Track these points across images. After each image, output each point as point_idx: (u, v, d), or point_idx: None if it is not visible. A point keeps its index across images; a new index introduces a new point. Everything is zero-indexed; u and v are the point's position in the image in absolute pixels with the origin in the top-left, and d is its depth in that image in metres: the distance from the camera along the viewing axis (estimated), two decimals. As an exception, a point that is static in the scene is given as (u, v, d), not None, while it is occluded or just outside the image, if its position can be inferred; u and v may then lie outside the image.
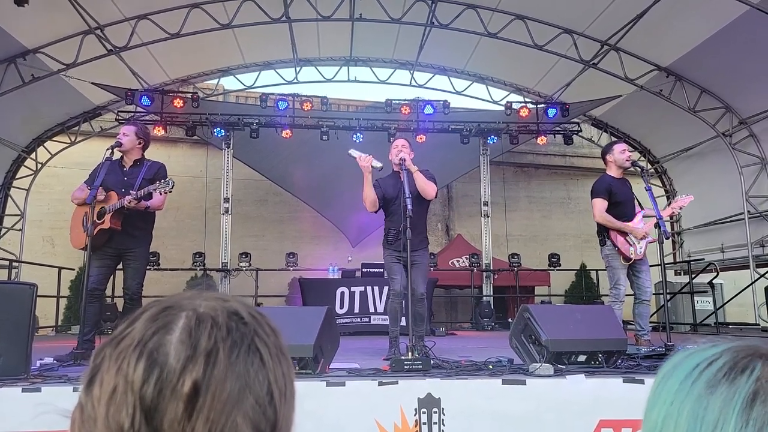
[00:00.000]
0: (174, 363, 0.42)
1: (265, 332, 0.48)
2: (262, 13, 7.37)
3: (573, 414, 2.58)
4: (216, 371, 0.42)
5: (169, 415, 0.41)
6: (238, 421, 0.42)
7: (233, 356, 0.44)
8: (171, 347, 0.43)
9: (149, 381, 0.41)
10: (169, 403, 0.41)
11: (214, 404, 0.41)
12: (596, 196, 4.43)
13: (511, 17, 7.75)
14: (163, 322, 0.45)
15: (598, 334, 3.14)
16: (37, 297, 2.76)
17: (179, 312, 0.46)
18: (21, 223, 9.37)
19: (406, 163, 3.97)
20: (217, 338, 0.44)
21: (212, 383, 0.42)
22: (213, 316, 0.46)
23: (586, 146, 12.28)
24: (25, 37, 7.19)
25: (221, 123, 8.87)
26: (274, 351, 0.47)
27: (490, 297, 9.66)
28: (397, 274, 4.02)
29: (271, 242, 11.49)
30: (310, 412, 2.48)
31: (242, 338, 0.45)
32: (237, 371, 0.43)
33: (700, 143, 9.00)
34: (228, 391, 0.42)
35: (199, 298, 0.49)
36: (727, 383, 0.45)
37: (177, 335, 0.44)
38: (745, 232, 8.21)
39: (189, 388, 0.41)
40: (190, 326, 0.44)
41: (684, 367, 0.48)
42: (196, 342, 0.43)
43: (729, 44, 7.00)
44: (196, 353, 0.43)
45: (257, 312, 0.50)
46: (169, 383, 0.41)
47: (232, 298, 0.50)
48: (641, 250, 4.30)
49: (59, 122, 9.21)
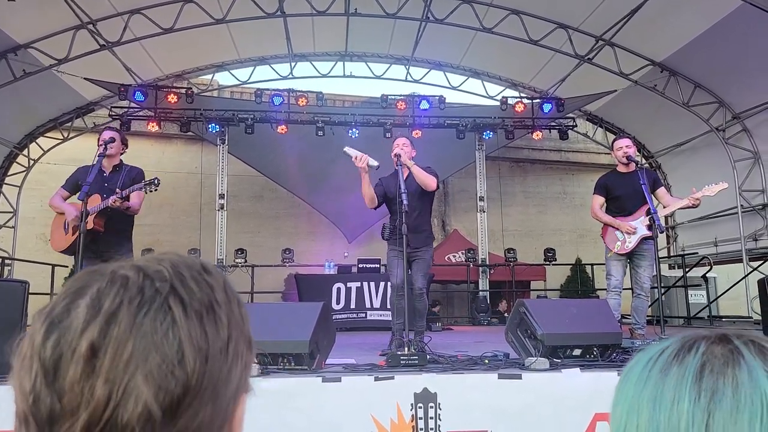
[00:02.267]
0: (75, 325, 0.43)
1: (188, 288, 0.46)
2: (257, 7, 7.32)
3: (568, 408, 2.60)
4: (116, 331, 0.42)
5: (69, 376, 0.41)
6: (139, 380, 0.41)
7: (140, 315, 0.43)
8: (77, 311, 0.43)
9: (47, 344, 0.42)
10: (69, 364, 0.41)
11: (113, 364, 0.41)
12: (594, 193, 4.65)
13: (507, 12, 7.74)
14: (78, 288, 0.45)
15: (594, 328, 3.15)
16: (29, 294, 2.75)
17: (99, 276, 0.46)
18: (14, 220, 9.30)
19: (402, 159, 3.97)
20: (123, 298, 0.44)
21: (111, 343, 0.42)
22: (127, 275, 0.45)
23: (582, 141, 12.31)
24: (17, 32, 7.11)
25: (216, 119, 8.82)
26: (196, 307, 0.45)
27: (486, 292, 9.68)
28: (395, 268, 4.05)
29: (267, 238, 11.47)
30: (306, 407, 2.48)
31: (154, 296, 0.44)
32: (142, 330, 0.43)
33: (694, 138, 9.03)
34: (129, 351, 0.42)
35: (132, 260, 0.48)
36: (677, 364, 0.48)
37: (86, 300, 0.44)
38: (738, 226, 8.26)
39: (86, 348, 0.41)
40: (100, 289, 0.45)
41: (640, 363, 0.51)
42: (101, 304, 0.43)
43: (723, 39, 7.02)
44: (98, 314, 0.43)
45: (192, 269, 0.48)
46: (69, 345, 0.42)
47: (172, 257, 0.49)
48: (630, 244, 4.34)
49: (52, 118, 9.13)
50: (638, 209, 4.39)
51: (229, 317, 0.48)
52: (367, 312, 7.28)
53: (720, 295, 8.65)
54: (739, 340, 0.48)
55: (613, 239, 4.43)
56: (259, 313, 3.02)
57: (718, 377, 0.45)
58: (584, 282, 11.22)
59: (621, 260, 4.43)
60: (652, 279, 4.49)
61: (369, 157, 3.92)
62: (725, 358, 0.47)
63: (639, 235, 4.34)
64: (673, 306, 8.81)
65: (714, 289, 8.83)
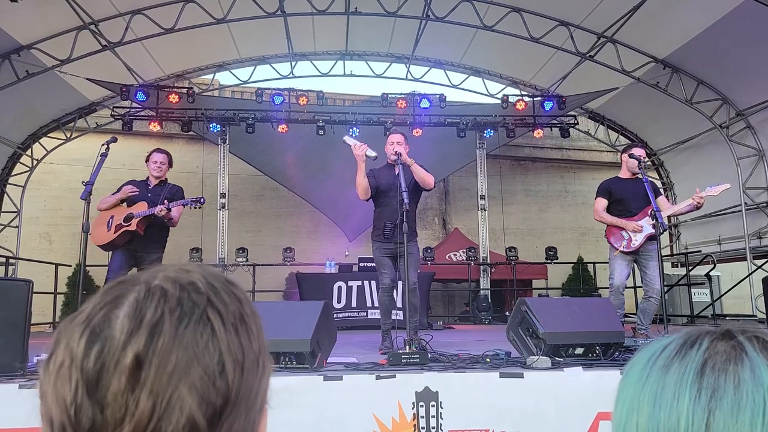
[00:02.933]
0: (118, 336, 0.42)
1: (222, 301, 0.47)
2: (257, 7, 7.32)
3: (571, 407, 2.59)
4: (160, 343, 0.42)
5: (112, 388, 0.41)
6: (183, 392, 0.41)
7: (181, 327, 0.43)
8: (117, 321, 0.43)
9: (90, 354, 0.42)
10: (112, 376, 0.41)
11: (157, 376, 0.41)
12: (597, 196, 4.74)
13: (507, 10, 7.71)
14: (114, 296, 0.45)
15: (596, 326, 3.14)
16: (33, 293, 2.75)
17: (132, 286, 0.46)
18: (17, 219, 9.33)
19: (402, 157, 3.96)
20: (164, 310, 0.44)
21: (156, 355, 0.42)
22: (164, 287, 0.45)
23: (583, 139, 12.28)
24: (19, 33, 7.12)
25: (217, 118, 8.83)
26: (230, 320, 0.46)
27: (488, 291, 9.68)
28: (387, 267, 4.07)
29: (268, 237, 11.48)
30: (308, 406, 2.48)
31: (193, 309, 0.45)
32: (185, 342, 0.43)
33: (697, 135, 8.99)
34: (173, 363, 0.42)
35: (161, 271, 0.48)
36: (679, 360, 0.47)
37: (125, 309, 0.44)
38: (742, 224, 8.23)
39: (131, 360, 0.41)
40: (138, 300, 0.44)
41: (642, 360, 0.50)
42: (142, 315, 0.43)
43: (726, 36, 6.99)
44: (141, 326, 0.43)
45: (219, 281, 0.49)
46: (112, 357, 0.41)
47: (198, 269, 0.49)
48: (636, 243, 4.38)
49: (54, 118, 9.15)
50: (642, 210, 4.46)
51: (257, 329, 0.49)
52: (368, 311, 7.28)
53: (723, 294, 8.63)
54: (743, 336, 0.47)
55: (618, 238, 4.47)
56: (260, 312, 3.00)
57: (719, 374, 0.44)
58: (586, 280, 11.20)
59: (627, 260, 4.46)
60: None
61: (368, 147, 3.92)
62: (728, 354, 0.46)
63: (645, 234, 4.37)
64: (677, 304, 8.80)
65: (717, 287, 8.82)
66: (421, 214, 12.32)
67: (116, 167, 7.97)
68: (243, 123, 8.67)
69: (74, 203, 6.88)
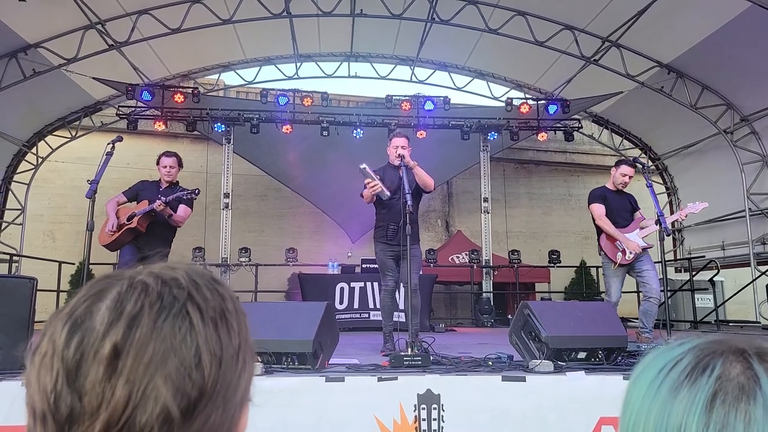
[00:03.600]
0: (98, 327, 0.44)
1: (203, 297, 0.48)
2: (263, 8, 7.35)
3: (573, 411, 2.58)
4: (138, 334, 0.43)
5: (90, 376, 0.42)
6: (159, 382, 0.42)
7: (160, 320, 0.45)
8: (99, 313, 0.44)
9: (70, 344, 0.43)
10: (90, 365, 0.42)
11: (134, 366, 0.42)
12: (593, 202, 4.76)
13: (512, 13, 7.72)
14: (98, 290, 0.47)
15: (599, 330, 3.13)
16: (37, 291, 2.76)
17: (117, 281, 0.47)
18: (21, 217, 9.36)
19: (406, 160, 3.97)
20: (144, 303, 0.45)
21: (133, 345, 0.43)
22: (146, 282, 0.47)
23: (587, 143, 12.26)
24: (26, 32, 7.17)
25: (222, 118, 8.85)
26: (210, 315, 0.47)
27: (490, 293, 9.66)
28: (390, 269, 4.06)
29: (271, 237, 11.50)
30: (309, 407, 2.48)
31: (173, 303, 0.46)
32: (162, 334, 0.44)
33: (702, 140, 8.97)
34: (150, 354, 0.43)
35: (147, 267, 0.50)
36: (689, 385, 0.45)
37: (106, 302, 0.45)
38: (746, 230, 8.20)
39: (109, 350, 0.42)
40: (120, 293, 0.46)
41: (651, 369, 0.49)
42: (122, 307, 0.45)
43: (731, 41, 6.97)
44: (120, 317, 0.44)
45: (203, 277, 0.50)
46: (91, 347, 0.43)
47: (184, 266, 0.51)
48: (630, 255, 4.47)
49: (60, 117, 9.19)
50: (630, 223, 4.64)
51: (239, 326, 0.50)
52: (370, 312, 7.28)
53: (727, 300, 8.59)
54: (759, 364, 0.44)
55: (614, 250, 4.55)
56: (262, 312, 3.02)
57: (729, 410, 0.42)
58: (589, 284, 11.17)
59: (620, 273, 4.56)
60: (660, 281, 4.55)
61: (382, 187, 3.90)
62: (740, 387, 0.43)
63: (640, 246, 4.50)
64: (680, 310, 8.75)
65: (721, 293, 8.77)
66: (424, 216, 12.31)
67: (121, 166, 8.00)
68: (247, 123, 8.69)
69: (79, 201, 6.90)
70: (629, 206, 4.70)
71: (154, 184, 4.60)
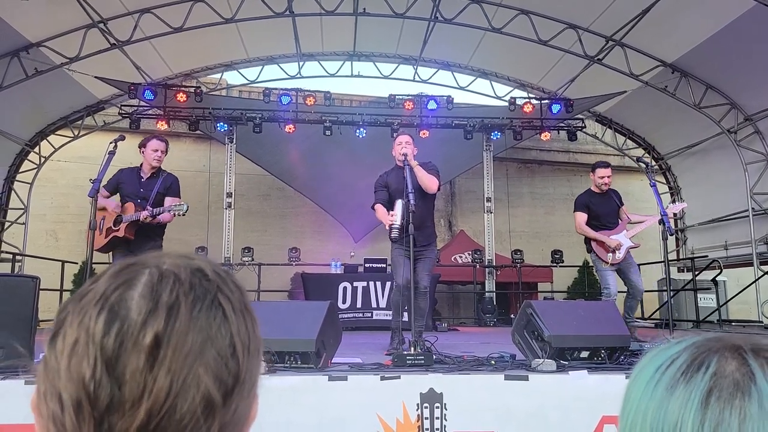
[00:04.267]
0: (135, 316, 0.43)
1: (229, 289, 0.49)
2: (266, 7, 7.35)
3: (575, 410, 2.58)
4: (177, 324, 0.44)
5: (131, 365, 0.42)
6: (200, 371, 0.43)
7: (195, 310, 0.45)
8: (133, 302, 0.44)
9: (110, 333, 0.43)
10: (131, 354, 0.42)
11: (175, 356, 0.43)
12: (576, 210, 5.18)
13: (516, 12, 7.70)
14: (126, 278, 0.46)
15: (601, 330, 3.13)
16: (39, 290, 2.77)
17: (142, 269, 0.47)
18: (24, 216, 9.39)
19: (408, 158, 3.96)
20: (179, 293, 0.45)
21: (174, 336, 0.43)
22: (176, 272, 0.47)
23: (590, 142, 12.23)
24: (29, 31, 7.18)
25: (224, 117, 8.86)
26: (238, 306, 0.48)
27: (493, 293, 9.65)
28: (400, 267, 4.04)
29: (274, 237, 11.50)
30: (312, 406, 2.48)
31: (205, 293, 0.47)
32: (199, 325, 0.45)
33: (705, 140, 8.94)
34: (190, 344, 0.43)
35: (165, 256, 0.50)
36: (684, 383, 0.45)
37: (139, 290, 0.45)
38: (749, 230, 8.17)
39: (150, 340, 0.42)
40: (152, 282, 0.46)
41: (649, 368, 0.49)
42: (158, 296, 0.45)
43: (735, 40, 6.94)
44: (158, 307, 0.44)
45: (222, 270, 0.51)
46: (131, 335, 0.43)
47: (198, 257, 0.51)
48: (620, 255, 4.81)
49: (62, 116, 9.21)
50: (618, 224, 4.96)
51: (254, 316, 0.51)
52: (373, 312, 7.28)
53: (730, 299, 8.56)
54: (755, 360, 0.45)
55: (604, 252, 4.89)
56: (266, 312, 3.02)
57: (724, 406, 0.43)
58: (591, 284, 11.14)
59: (614, 271, 4.91)
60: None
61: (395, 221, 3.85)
62: (735, 383, 0.43)
63: (626, 246, 4.83)
64: (682, 309, 8.73)
65: (724, 292, 8.74)
66: (427, 216, 12.28)
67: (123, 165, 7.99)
68: (250, 123, 8.70)
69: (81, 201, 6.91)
70: (615, 206, 5.01)
71: (134, 173, 4.23)
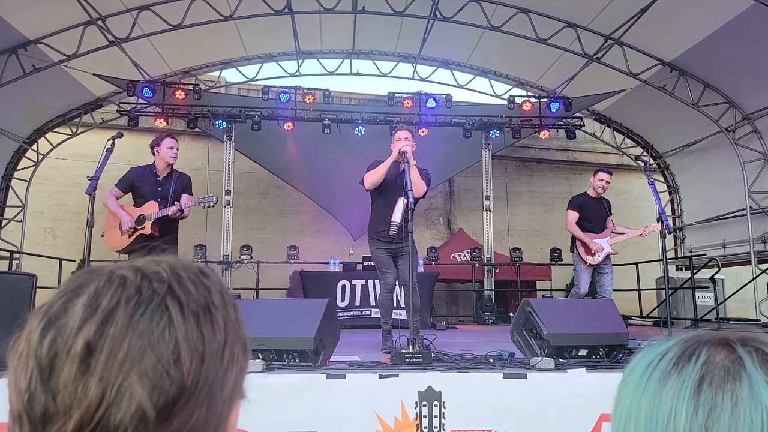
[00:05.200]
0: (71, 324, 0.42)
1: (185, 290, 0.46)
2: (265, 4, 7.32)
3: (574, 408, 2.58)
4: (113, 330, 0.42)
5: (63, 375, 0.41)
6: (134, 379, 0.41)
7: (137, 315, 0.43)
8: (74, 309, 0.43)
9: (44, 342, 0.42)
10: (64, 363, 0.41)
11: (108, 363, 0.41)
12: (569, 208, 5.48)
13: (515, 10, 7.69)
14: (76, 286, 0.45)
15: (600, 328, 3.13)
16: (36, 288, 2.76)
17: (97, 276, 0.46)
18: (22, 214, 9.37)
19: (408, 155, 3.95)
20: (120, 298, 0.44)
21: (107, 342, 0.41)
22: (125, 276, 0.46)
23: (589, 141, 12.24)
24: (27, 28, 7.15)
25: (223, 115, 8.84)
26: (192, 309, 0.45)
27: (492, 291, 9.66)
28: (389, 267, 4.05)
29: (273, 235, 11.49)
30: (311, 404, 2.48)
31: (152, 296, 0.44)
32: (139, 330, 0.42)
33: (704, 138, 8.95)
34: (125, 350, 0.41)
35: (131, 261, 0.49)
36: (676, 373, 0.46)
37: (83, 298, 0.44)
38: (747, 228, 8.19)
39: (81, 347, 0.41)
40: (97, 288, 0.44)
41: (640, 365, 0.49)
42: (98, 303, 0.43)
43: (733, 39, 6.95)
44: (95, 313, 0.43)
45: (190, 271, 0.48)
46: (65, 344, 0.42)
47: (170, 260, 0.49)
48: (599, 258, 5.26)
49: (61, 113, 9.18)
50: (604, 230, 5.38)
51: (225, 320, 0.48)
52: (371, 310, 7.28)
53: (728, 298, 8.59)
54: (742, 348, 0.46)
55: (585, 252, 5.30)
56: (264, 310, 3.02)
57: (717, 391, 0.43)
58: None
59: (590, 271, 5.36)
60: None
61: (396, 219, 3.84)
62: (726, 370, 0.44)
63: (606, 252, 5.27)
64: (680, 308, 8.75)
65: (722, 291, 8.77)
66: (426, 214, 12.29)
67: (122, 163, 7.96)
68: (249, 120, 8.68)
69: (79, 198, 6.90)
70: (605, 213, 5.37)
71: (148, 171, 4.27)
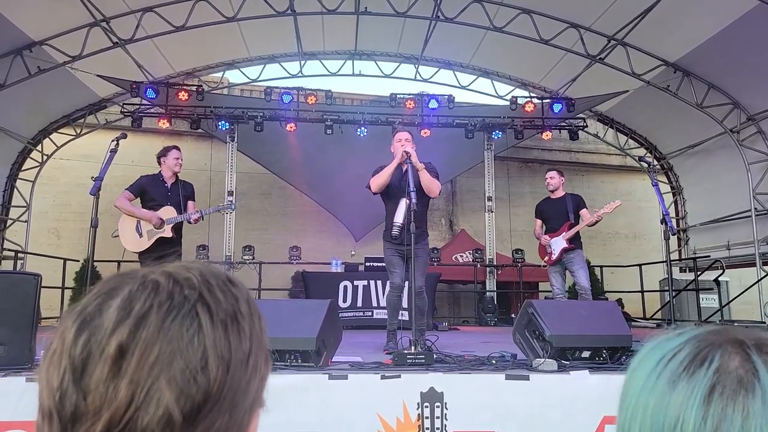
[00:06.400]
0: (106, 325, 0.43)
1: (215, 298, 0.47)
2: (267, 6, 7.34)
3: (577, 410, 2.57)
4: (145, 333, 0.43)
5: (96, 375, 0.42)
6: (162, 384, 0.42)
7: (168, 320, 0.44)
8: (108, 311, 0.44)
9: (78, 342, 0.43)
10: (96, 364, 0.42)
11: (139, 366, 0.42)
12: (535, 216, 5.85)
13: (517, 11, 7.69)
14: (110, 289, 0.46)
15: (603, 330, 3.12)
16: (41, 287, 2.77)
17: (130, 279, 0.47)
18: (27, 214, 9.41)
19: (412, 158, 3.95)
20: (153, 302, 0.44)
21: (139, 345, 0.42)
22: (158, 281, 0.46)
23: (592, 142, 12.21)
24: (32, 29, 7.19)
25: (226, 116, 8.86)
26: (221, 317, 0.46)
27: (494, 292, 9.64)
28: (397, 267, 4.06)
29: (275, 236, 11.51)
30: (312, 405, 2.48)
31: (183, 303, 0.45)
32: (169, 335, 0.43)
33: (707, 139, 8.92)
34: (156, 354, 0.42)
35: (163, 266, 0.49)
36: (687, 377, 0.45)
37: (117, 301, 0.45)
38: (751, 230, 8.15)
39: (114, 349, 0.42)
40: (131, 292, 0.45)
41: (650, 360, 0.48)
42: (131, 306, 0.44)
43: (738, 40, 6.92)
44: (128, 316, 0.44)
45: (219, 278, 0.50)
46: (98, 345, 0.42)
47: (200, 266, 0.50)
48: (555, 256, 5.44)
49: (65, 114, 9.22)
50: (561, 227, 5.47)
51: (251, 329, 0.49)
52: (373, 310, 7.28)
53: (732, 300, 8.55)
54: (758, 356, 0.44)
55: (543, 253, 5.60)
56: (266, 310, 2.98)
57: (728, 403, 0.42)
58: (593, 284, 11.10)
59: (557, 270, 5.49)
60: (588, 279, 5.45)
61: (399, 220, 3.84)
62: (739, 379, 0.43)
63: (559, 248, 5.40)
64: (684, 309, 8.72)
65: (726, 293, 8.73)
66: (428, 215, 12.26)
67: (125, 163, 8.01)
68: (251, 121, 8.70)
69: (83, 199, 6.92)
70: (565, 210, 5.45)
71: (157, 179, 4.63)
